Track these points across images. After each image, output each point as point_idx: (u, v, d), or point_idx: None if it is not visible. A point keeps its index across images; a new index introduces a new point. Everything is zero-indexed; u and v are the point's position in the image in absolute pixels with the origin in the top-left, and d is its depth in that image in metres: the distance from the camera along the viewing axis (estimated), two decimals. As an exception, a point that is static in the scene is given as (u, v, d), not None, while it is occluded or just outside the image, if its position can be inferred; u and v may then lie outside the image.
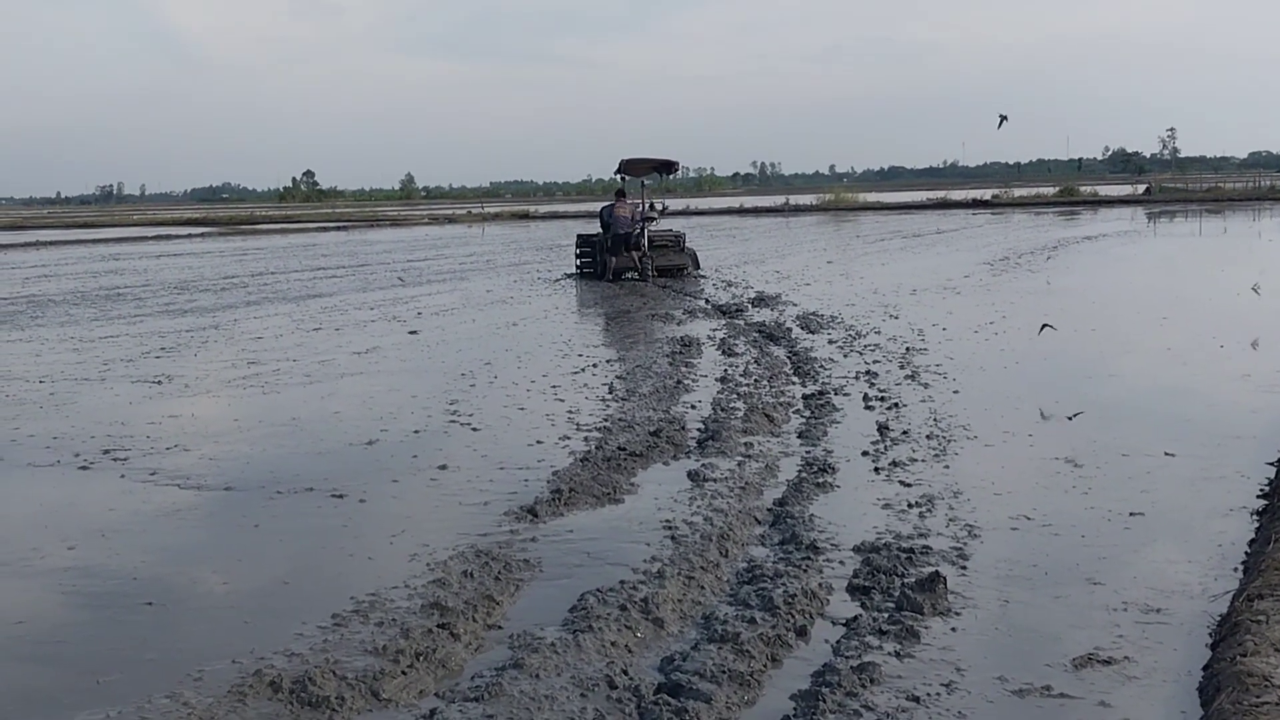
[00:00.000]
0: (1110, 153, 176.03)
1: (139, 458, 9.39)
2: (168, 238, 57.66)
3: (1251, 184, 74.38)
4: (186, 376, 13.40)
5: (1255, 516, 6.96)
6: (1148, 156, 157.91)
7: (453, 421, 10.45)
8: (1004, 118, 18.09)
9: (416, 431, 10.12)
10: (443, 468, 8.78)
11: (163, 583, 6.50)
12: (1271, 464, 8.06)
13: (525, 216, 76.82)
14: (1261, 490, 7.49)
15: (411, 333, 17.04)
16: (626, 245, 25.59)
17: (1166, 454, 8.52)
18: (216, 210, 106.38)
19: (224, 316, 19.99)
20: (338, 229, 66.33)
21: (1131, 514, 7.13)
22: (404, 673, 5.13)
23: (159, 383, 12.99)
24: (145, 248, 47.99)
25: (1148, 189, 76.00)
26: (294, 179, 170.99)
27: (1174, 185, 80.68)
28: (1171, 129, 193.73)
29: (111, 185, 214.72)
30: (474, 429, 10.14)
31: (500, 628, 5.69)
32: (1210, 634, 5.26)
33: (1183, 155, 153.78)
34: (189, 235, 60.51)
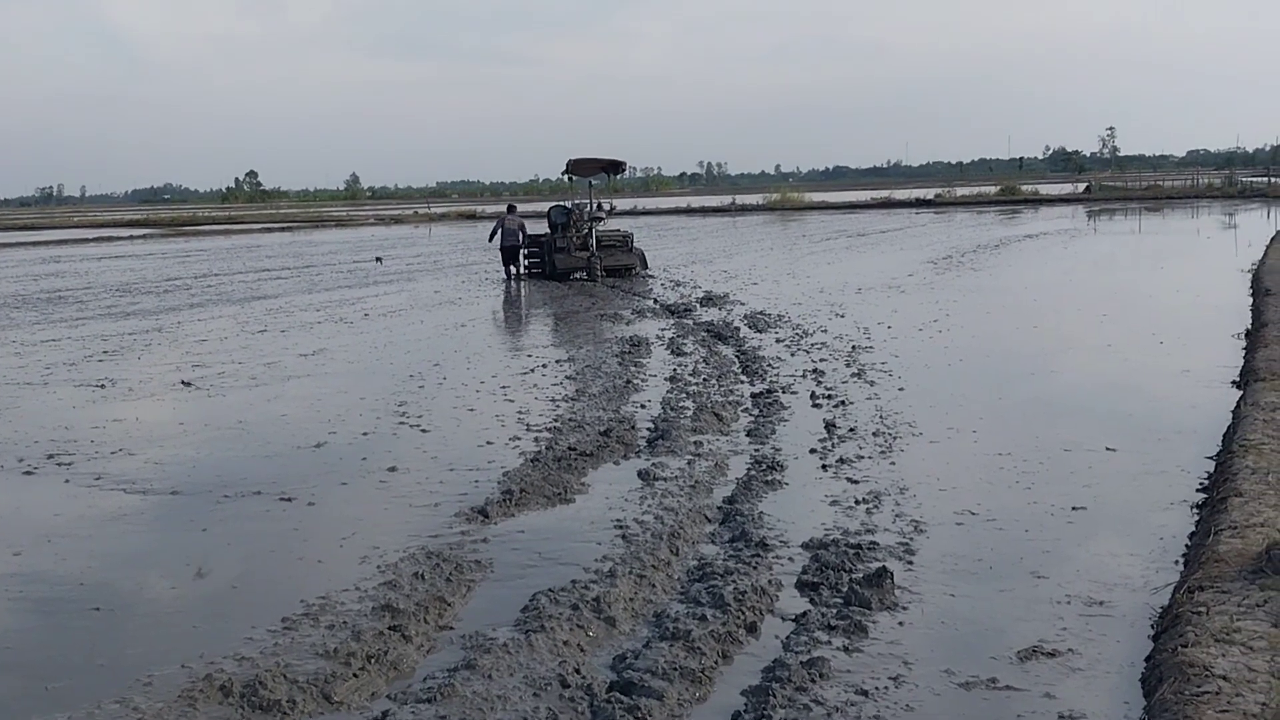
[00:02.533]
0: (1051, 152, 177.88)
1: (84, 462, 9.30)
2: (109, 239, 56.97)
3: (1189, 182, 75.44)
4: (130, 380, 13.26)
5: (1195, 510, 7.10)
6: (1088, 155, 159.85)
7: (402, 423, 10.42)
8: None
9: (365, 434, 10.09)
10: (392, 470, 8.76)
11: (110, 588, 6.45)
12: (1210, 458, 8.21)
13: (472, 217, 76.47)
14: (1201, 484, 7.64)
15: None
16: (513, 257, 26.92)
17: (1108, 449, 8.66)
18: (159, 211, 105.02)
19: (167, 319, 19.79)
20: (282, 230, 65.80)
21: (1074, 508, 7.24)
22: (355, 675, 5.12)
23: (102, 386, 12.85)
24: (86, 250, 47.40)
25: (1088, 187, 76.98)
26: (237, 179, 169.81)
27: (1114, 184, 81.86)
28: (1111, 128, 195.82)
29: (51, 186, 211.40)
30: (423, 430, 10.12)
31: (452, 629, 5.70)
32: (1152, 626, 5.36)
33: (1122, 154, 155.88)
34: (130, 237, 59.76)
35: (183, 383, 12.83)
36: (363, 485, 8.44)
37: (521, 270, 27.01)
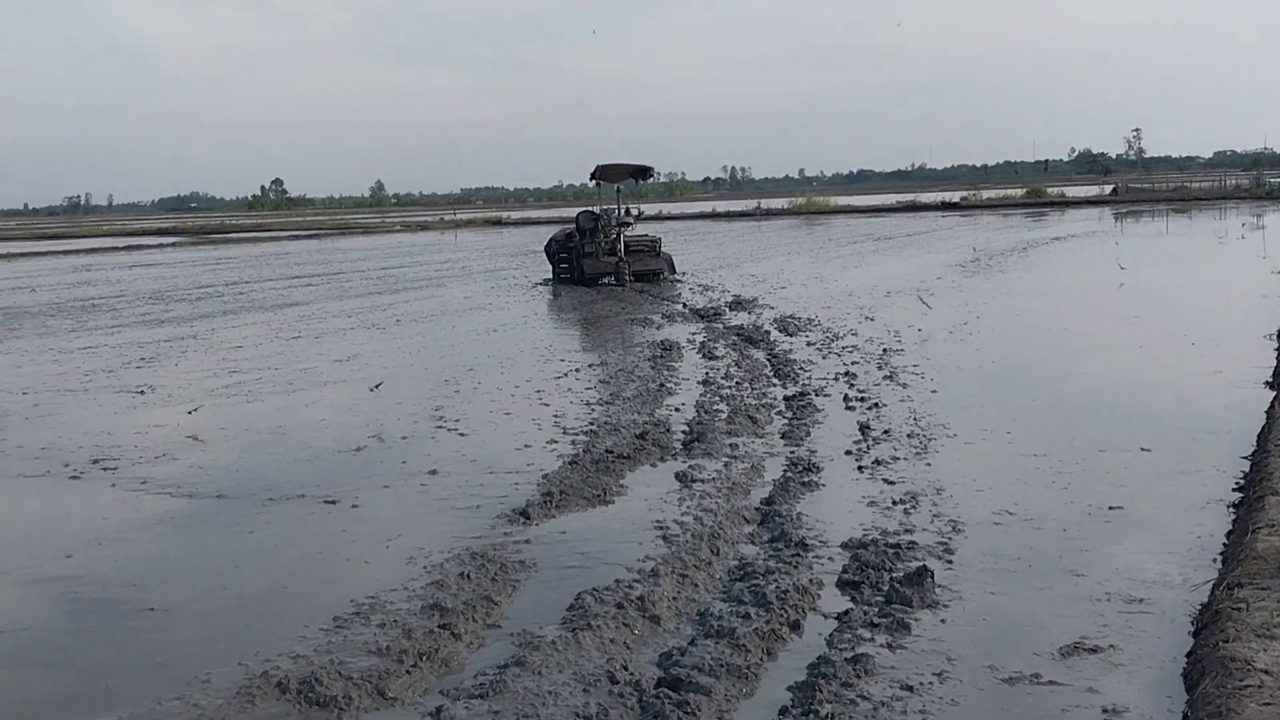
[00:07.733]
0: (1076, 154, 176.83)
1: (128, 467, 9.45)
2: (138, 248, 57.42)
3: (1216, 183, 74.90)
4: (169, 386, 13.43)
5: (1231, 509, 7.14)
6: (1114, 157, 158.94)
7: (439, 427, 10.54)
8: None
9: (404, 438, 10.21)
10: (433, 473, 8.88)
11: (162, 589, 6.58)
12: (1245, 458, 8.24)
13: (498, 223, 76.86)
14: (1237, 484, 7.67)
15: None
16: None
17: (1143, 449, 8.70)
18: (186, 220, 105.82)
19: (201, 326, 19.99)
20: (309, 237, 66.19)
21: (1111, 508, 7.29)
22: (408, 672, 5.24)
23: (142, 392, 13.02)
24: (117, 258, 47.82)
25: (1114, 189, 76.59)
26: (263, 187, 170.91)
27: (1140, 185, 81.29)
28: (1137, 130, 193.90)
29: (79, 196, 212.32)
30: (461, 434, 10.23)
31: (500, 627, 5.81)
32: (1192, 622, 5.42)
33: (1148, 155, 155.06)
34: (160, 245, 60.29)
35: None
36: (404, 488, 8.55)
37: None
